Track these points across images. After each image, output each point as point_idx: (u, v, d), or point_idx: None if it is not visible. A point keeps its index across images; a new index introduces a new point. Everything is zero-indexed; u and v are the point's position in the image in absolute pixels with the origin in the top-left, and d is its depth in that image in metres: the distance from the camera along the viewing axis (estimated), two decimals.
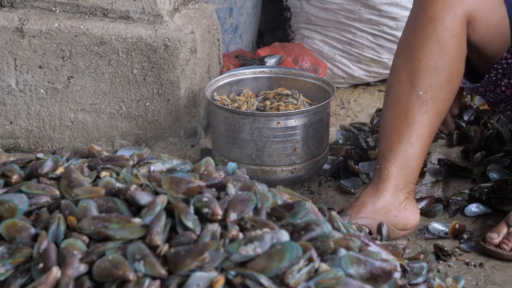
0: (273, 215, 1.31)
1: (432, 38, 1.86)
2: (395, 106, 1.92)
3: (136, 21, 2.29)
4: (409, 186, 1.92)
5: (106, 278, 1.16)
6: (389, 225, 1.88)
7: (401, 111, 1.90)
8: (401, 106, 1.90)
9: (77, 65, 2.30)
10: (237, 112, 2.14)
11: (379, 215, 1.90)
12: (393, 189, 1.91)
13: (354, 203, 1.93)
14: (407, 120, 1.89)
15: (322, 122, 2.18)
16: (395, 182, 1.90)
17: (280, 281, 1.16)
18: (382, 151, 1.94)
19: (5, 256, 1.20)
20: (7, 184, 1.38)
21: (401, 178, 1.90)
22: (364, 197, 1.92)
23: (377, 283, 1.23)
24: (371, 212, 1.90)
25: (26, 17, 2.28)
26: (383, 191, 1.91)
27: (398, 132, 1.91)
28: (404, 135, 1.90)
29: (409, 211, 1.93)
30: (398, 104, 1.91)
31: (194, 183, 1.31)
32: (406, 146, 1.89)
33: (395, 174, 1.90)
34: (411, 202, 1.94)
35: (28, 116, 2.37)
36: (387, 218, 1.90)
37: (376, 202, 1.91)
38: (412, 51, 1.89)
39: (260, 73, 2.41)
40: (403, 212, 1.92)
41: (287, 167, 2.16)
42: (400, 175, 1.90)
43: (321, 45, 2.95)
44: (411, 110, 1.89)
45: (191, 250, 1.17)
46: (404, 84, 1.90)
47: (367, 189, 1.93)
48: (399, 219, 1.92)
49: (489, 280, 1.78)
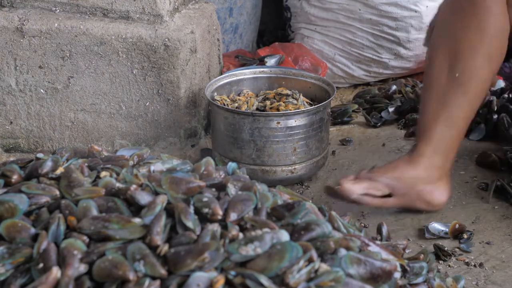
0: (273, 215, 1.31)
1: (472, 18, 1.85)
2: (432, 87, 1.94)
3: (136, 21, 2.29)
4: (444, 166, 1.97)
5: (106, 278, 1.16)
6: (414, 194, 1.95)
7: (438, 92, 1.92)
8: (438, 87, 1.92)
9: (77, 65, 2.30)
10: (237, 112, 2.14)
11: (405, 183, 1.95)
12: (427, 165, 1.95)
13: (387, 164, 2.02)
14: (444, 102, 1.90)
15: (322, 122, 2.18)
16: (430, 161, 1.95)
17: (280, 281, 1.16)
18: (420, 129, 1.98)
19: (5, 256, 1.20)
20: (7, 184, 1.38)
21: (436, 158, 1.95)
22: (398, 162, 2.00)
23: (377, 283, 1.23)
24: (398, 177, 1.95)
25: (26, 17, 2.28)
26: (417, 165, 1.96)
27: (435, 113, 1.93)
28: (440, 117, 1.92)
29: (438, 191, 1.99)
30: (436, 85, 1.93)
31: (194, 183, 1.31)
32: (442, 128, 1.92)
33: (430, 154, 1.94)
34: (443, 182, 1.99)
35: (28, 116, 2.37)
36: (413, 188, 1.97)
37: (408, 171, 1.96)
38: (451, 32, 1.89)
39: (260, 73, 2.41)
40: (431, 189, 1.98)
41: (287, 167, 2.16)
42: (436, 155, 1.94)
43: (321, 45, 2.95)
44: (448, 92, 1.90)
45: (191, 250, 1.17)
46: (442, 65, 1.91)
47: (404, 157, 2.01)
48: (425, 194, 1.97)
49: (489, 280, 1.78)
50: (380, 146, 2.51)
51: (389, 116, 2.68)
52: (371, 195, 1.95)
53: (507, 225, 2.01)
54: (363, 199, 1.94)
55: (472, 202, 2.14)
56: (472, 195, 2.17)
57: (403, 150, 2.48)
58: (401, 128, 2.64)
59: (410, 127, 2.62)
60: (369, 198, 1.95)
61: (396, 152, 2.46)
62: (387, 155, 2.44)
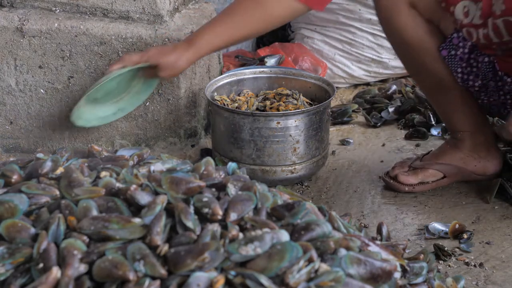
0: (273, 215, 1.31)
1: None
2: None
3: (136, 21, 2.29)
4: (487, 140, 2.17)
5: (106, 278, 1.16)
6: (467, 171, 2.18)
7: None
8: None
9: (77, 65, 2.30)
10: (237, 112, 2.14)
11: (457, 166, 2.18)
12: (471, 144, 2.17)
13: (433, 151, 2.24)
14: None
15: (322, 122, 2.18)
16: (472, 140, 2.16)
17: (280, 281, 1.15)
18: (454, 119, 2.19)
19: (5, 256, 1.20)
20: (7, 184, 1.38)
21: (478, 136, 2.16)
22: (443, 147, 2.22)
23: (377, 283, 1.23)
24: (449, 160, 2.18)
25: (26, 17, 2.28)
26: (462, 148, 2.17)
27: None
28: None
29: (489, 163, 2.18)
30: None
31: (194, 183, 1.31)
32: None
33: (471, 135, 2.16)
34: (492, 153, 2.18)
35: (28, 116, 2.37)
36: (466, 166, 2.18)
37: (455, 153, 2.18)
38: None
39: (260, 73, 2.41)
40: (482, 162, 2.18)
41: (287, 167, 2.16)
42: (476, 134, 2.16)
43: (321, 45, 2.95)
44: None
45: (191, 250, 1.17)
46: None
47: (447, 142, 2.22)
48: (478, 168, 2.18)
49: (489, 280, 1.78)
50: (380, 146, 2.51)
51: (389, 116, 2.68)
52: (424, 183, 2.18)
53: (507, 225, 2.02)
54: (417, 189, 2.18)
55: (472, 202, 2.14)
56: (472, 195, 2.17)
57: (403, 150, 2.48)
58: (401, 128, 2.64)
59: (410, 127, 2.62)
60: (422, 186, 2.19)
61: (396, 152, 2.46)
62: (387, 155, 2.44)
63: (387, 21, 2.12)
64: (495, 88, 2.07)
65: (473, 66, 2.06)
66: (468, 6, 1.94)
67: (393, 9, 2.06)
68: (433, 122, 2.59)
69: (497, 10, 1.87)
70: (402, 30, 2.07)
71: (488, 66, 2.04)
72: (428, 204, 2.13)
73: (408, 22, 2.05)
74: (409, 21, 2.05)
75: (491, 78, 2.05)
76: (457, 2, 1.96)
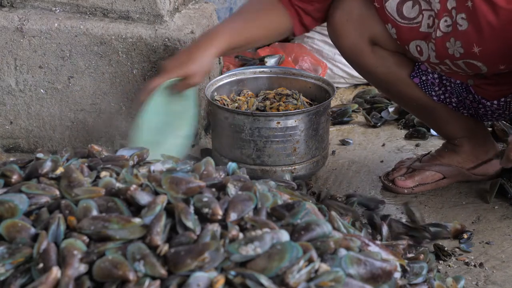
0: (273, 215, 1.31)
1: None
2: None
3: (136, 21, 2.29)
4: (486, 142, 2.18)
5: (106, 278, 1.16)
6: (466, 174, 2.19)
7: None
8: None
9: (77, 65, 2.30)
10: (237, 112, 2.14)
11: (456, 167, 2.18)
12: (470, 149, 2.17)
13: (432, 153, 2.24)
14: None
15: (322, 122, 2.18)
16: (470, 145, 2.17)
17: (280, 281, 1.16)
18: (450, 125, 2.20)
19: (5, 256, 1.20)
20: (7, 184, 1.39)
21: (476, 139, 2.17)
22: (442, 150, 2.22)
23: (377, 283, 1.23)
24: (448, 163, 2.18)
25: (26, 17, 2.28)
26: (461, 152, 2.18)
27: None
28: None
29: (489, 165, 2.17)
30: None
31: (194, 183, 1.31)
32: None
33: (468, 140, 2.16)
34: (492, 154, 2.15)
35: (28, 116, 2.37)
36: (466, 169, 2.18)
37: (454, 157, 2.18)
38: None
39: (260, 73, 2.41)
40: (483, 166, 2.17)
41: (287, 167, 2.16)
42: (472, 141, 2.16)
43: (321, 45, 2.95)
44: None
45: (191, 250, 1.17)
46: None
47: (445, 145, 2.22)
48: (478, 171, 2.18)
49: (489, 280, 1.78)
50: (380, 146, 2.51)
51: (389, 116, 2.68)
52: (424, 184, 2.18)
53: (507, 225, 2.01)
54: (416, 190, 2.18)
55: (472, 202, 2.14)
56: (472, 195, 2.17)
57: (403, 150, 2.48)
58: (401, 128, 2.64)
59: (410, 127, 2.62)
60: (421, 187, 2.18)
61: (396, 152, 2.46)
62: (387, 155, 2.44)
63: (354, 62, 2.14)
64: (473, 102, 2.08)
65: (446, 86, 2.09)
66: (420, 44, 1.96)
67: (356, 50, 2.08)
68: None
69: (455, 53, 1.88)
70: (370, 67, 2.10)
71: (461, 86, 2.06)
72: (428, 204, 2.13)
73: (373, 60, 2.08)
74: (374, 59, 2.07)
75: (466, 96, 2.07)
76: (409, 42, 1.97)
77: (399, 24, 1.95)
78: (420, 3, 1.91)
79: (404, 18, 1.94)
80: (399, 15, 1.94)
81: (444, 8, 1.85)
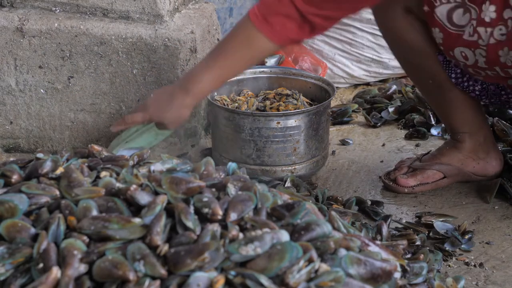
0: (273, 215, 1.31)
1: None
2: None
3: (136, 21, 2.29)
4: (486, 141, 2.17)
5: (106, 278, 1.16)
6: (467, 173, 2.18)
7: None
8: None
9: (77, 65, 2.30)
10: (237, 112, 2.14)
11: (457, 166, 2.18)
12: (471, 146, 2.17)
13: (433, 152, 2.24)
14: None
15: (322, 122, 2.18)
16: (472, 143, 2.17)
17: (280, 281, 1.16)
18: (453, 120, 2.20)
19: (5, 256, 1.20)
20: (7, 184, 1.38)
21: (477, 136, 2.16)
22: (443, 148, 2.22)
23: (377, 283, 1.23)
24: (449, 161, 2.18)
25: (26, 17, 2.28)
26: (462, 149, 2.18)
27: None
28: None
29: (489, 164, 2.19)
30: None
31: (194, 183, 1.31)
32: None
33: (470, 137, 2.16)
34: (492, 154, 2.18)
35: (28, 116, 2.37)
36: (466, 167, 2.19)
37: (455, 154, 2.18)
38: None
39: (260, 73, 2.41)
40: (482, 164, 2.18)
41: (287, 167, 2.16)
42: (474, 135, 2.16)
43: (321, 45, 2.95)
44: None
45: (191, 250, 1.17)
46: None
47: (446, 143, 2.22)
48: (477, 169, 2.19)
49: (489, 280, 1.78)
50: (380, 146, 2.51)
51: (389, 116, 2.68)
52: (424, 184, 2.18)
53: (507, 225, 2.02)
54: (417, 189, 2.18)
55: (472, 202, 2.14)
56: (472, 195, 2.17)
57: (403, 150, 2.48)
58: (401, 128, 2.64)
59: (410, 127, 2.62)
60: (422, 187, 2.18)
61: (396, 152, 2.46)
62: (387, 155, 2.44)
63: (384, 23, 2.13)
64: (497, 89, 2.07)
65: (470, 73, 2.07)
66: (464, 51, 1.95)
67: (389, 12, 2.07)
68: (433, 122, 2.59)
69: (507, 62, 1.88)
70: (400, 31, 2.08)
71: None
72: (428, 204, 2.13)
73: (404, 23, 2.06)
74: (405, 23, 2.06)
75: (491, 83, 2.05)
76: (454, 48, 1.97)
77: (448, 29, 1.95)
78: (471, 12, 1.91)
79: (453, 25, 1.94)
80: (449, 21, 1.94)
81: (499, 17, 1.85)
